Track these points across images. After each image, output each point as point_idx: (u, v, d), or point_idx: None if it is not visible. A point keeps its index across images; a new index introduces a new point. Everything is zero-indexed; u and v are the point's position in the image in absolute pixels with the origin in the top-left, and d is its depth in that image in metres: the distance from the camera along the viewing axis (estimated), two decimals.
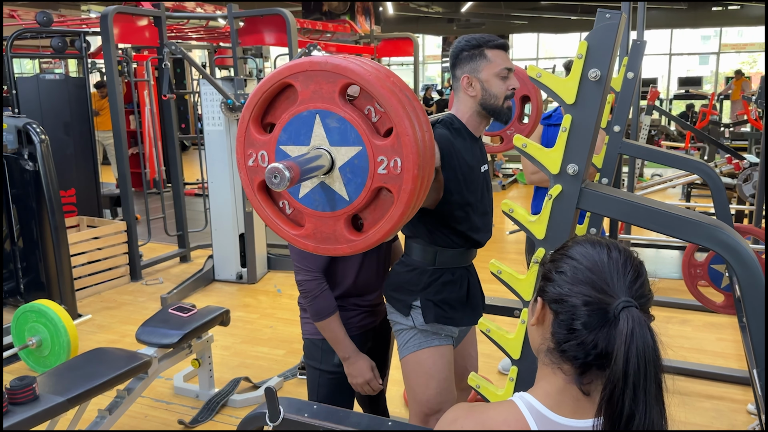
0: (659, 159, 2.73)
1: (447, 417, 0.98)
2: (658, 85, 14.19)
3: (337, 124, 1.25)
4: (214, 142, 4.97)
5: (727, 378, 3.24)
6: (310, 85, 1.24)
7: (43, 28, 5.28)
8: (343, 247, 1.32)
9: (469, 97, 1.86)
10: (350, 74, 1.21)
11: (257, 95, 1.30)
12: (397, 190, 1.24)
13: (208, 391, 3.20)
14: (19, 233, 4.22)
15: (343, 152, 1.26)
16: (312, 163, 1.23)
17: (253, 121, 1.32)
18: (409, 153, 1.21)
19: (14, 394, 2.19)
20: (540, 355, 0.98)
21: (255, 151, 1.33)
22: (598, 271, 0.91)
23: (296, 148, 1.29)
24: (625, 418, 0.83)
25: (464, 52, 1.85)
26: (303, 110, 1.26)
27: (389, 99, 1.21)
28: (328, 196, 1.30)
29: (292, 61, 1.28)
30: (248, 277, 5.09)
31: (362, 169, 1.26)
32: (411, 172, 1.22)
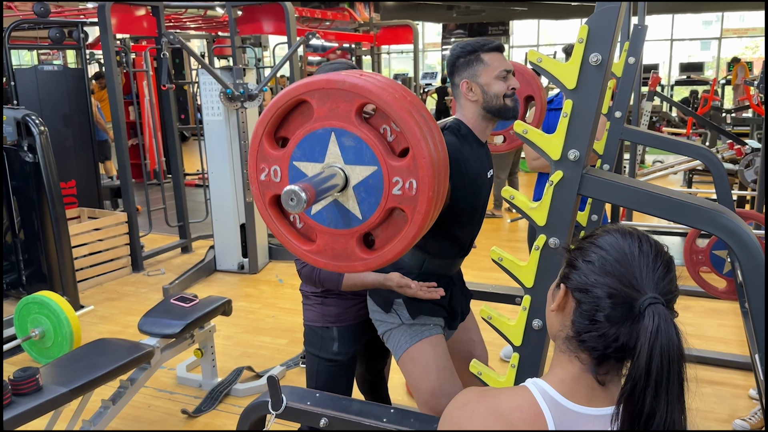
0: (661, 144, 2.71)
1: (458, 400, 0.96)
2: (659, 71, 14.12)
3: (352, 143, 1.23)
4: (214, 132, 4.96)
5: (728, 363, 3.25)
6: (327, 102, 1.23)
7: (41, 18, 5.26)
8: (356, 265, 1.32)
9: (471, 102, 1.86)
10: (367, 94, 1.19)
11: (272, 110, 1.28)
12: (412, 211, 1.23)
13: (211, 381, 3.21)
14: (20, 225, 4.22)
15: (358, 171, 1.25)
16: (327, 183, 1.21)
17: (266, 136, 1.30)
18: (424, 175, 1.20)
19: (18, 385, 2.20)
20: (557, 341, 0.97)
21: (268, 165, 1.31)
22: (627, 263, 0.89)
23: (310, 164, 1.27)
24: (646, 415, 0.82)
25: (460, 59, 1.86)
26: (318, 127, 1.25)
27: (406, 120, 1.19)
28: (342, 213, 1.29)
29: (308, 78, 1.25)
30: (250, 267, 5.09)
31: (377, 189, 1.24)
32: (426, 194, 1.21)
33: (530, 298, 1.37)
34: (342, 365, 2.04)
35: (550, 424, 0.89)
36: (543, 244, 1.33)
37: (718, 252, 3.00)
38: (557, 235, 1.31)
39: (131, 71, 5.91)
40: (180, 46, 4.33)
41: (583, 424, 0.90)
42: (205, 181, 5.53)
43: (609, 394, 0.92)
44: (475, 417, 0.91)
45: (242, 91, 4.70)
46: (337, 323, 2.03)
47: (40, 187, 4.01)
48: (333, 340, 2.02)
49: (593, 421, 0.90)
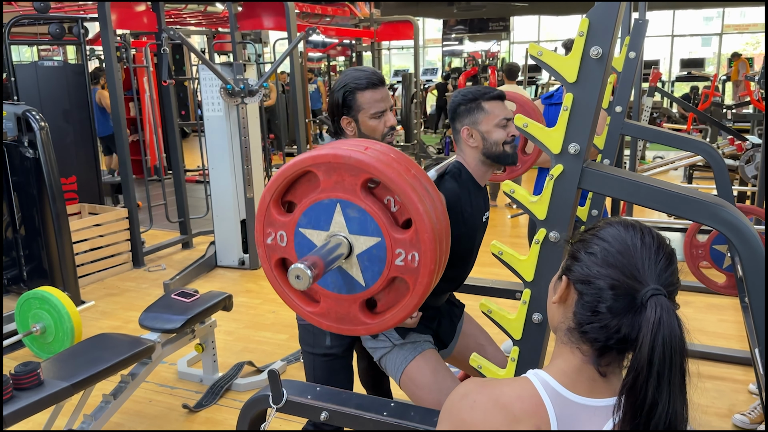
0: (661, 139, 2.71)
1: (458, 391, 0.96)
2: (660, 67, 14.09)
3: (357, 215, 1.27)
4: (214, 127, 4.95)
5: (728, 358, 3.25)
6: (333, 175, 1.26)
7: (41, 14, 5.25)
8: (359, 329, 1.36)
9: (472, 148, 1.91)
10: (372, 170, 1.23)
11: (279, 179, 1.32)
12: (413, 282, 1.27)
13: (211, 376, 3.22)
14: (20, 221, 4.22)
15: (362, 241, 1.29)
16: (333, 254, 1.25)
17: (273, 202, 1.34)
18: (426, 249, 1.24)
19: (19, 379, 2.20)
20: (559, 333, 0.97)
21: (274, 230, 1.35)
22: (629, 255, 0.89)
23: (315, 232, 1.31)
24: (648, 406, 0.82)
25: (461, 106, 1.91)
26: (324, 198, 1.28)
27: (410, 196, 1.23)
28: (345, 279, 1.33)
29: (315, 151, 1.29)
30: (250, 263, 5.10)
31: (380, 259, 1.28)
32: (428, 267, 1.25)
33: (530, 292, 1.37)
34: (337, 358, 2.05)
35: (551, 414, 0.89)
36: (543, 238, 1.33)
37: (719, 247, 3.00)
38: (557, 229, 1.31)
39: (131, 67, 5.90)
40: (180, 41, 4.33)
41: (584, 415, 0.90)
42: (206, 177, 5.53)
43: (610, 385, 0.92)
44: (476, 407, 0.92)
45: (242, 87, 4.70)
46: None
47: (41, 182, 4.01)
48: (325, 333, 2.03)
49: (594, 412, 0.90)
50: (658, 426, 0.82)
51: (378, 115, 1.89)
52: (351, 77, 1.89)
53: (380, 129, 1.91)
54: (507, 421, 0.89)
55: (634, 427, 0.84)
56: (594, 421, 0.90)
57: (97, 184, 5.83)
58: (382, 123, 1.90)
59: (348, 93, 1.88)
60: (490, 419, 0.90)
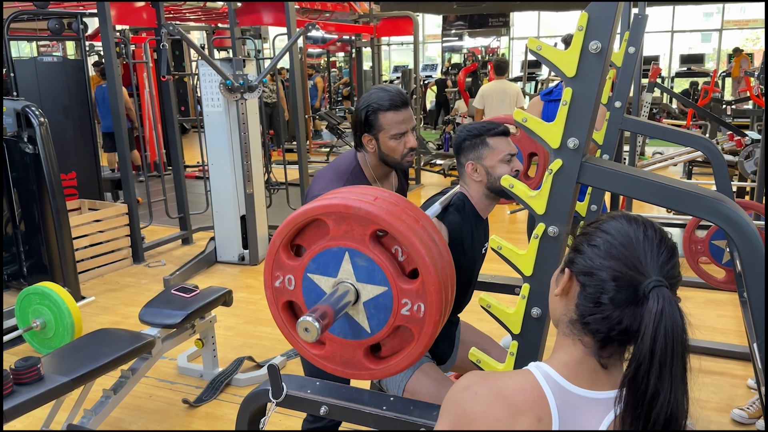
0: (661, 135, 2.71)
1: (460, 383, 0.97)
2: (660, 63, 14.07)
3: (365, 264, 1.29)
4: (214, 123, 4.95)
5: (727, 354, 3.26)
6: (342, 224, 1.29)
7: (40, 10, 5.24)
8: (363, 374, 1.39)
9: (476, 182, 1.95)
10: (381, 222, 1.25)
11: (290, 226, 1.34)
12: (418, 331, 1.29)
13: (211, 371, 3.22)
14: (20, 216, 4.22)
15: (369, 289, 1.31)
16: (341, 302, 1.27)
17: (283, 247, 1.36)
18: (432, 301, 1.26)
19: (19, 374, 2.21)
20: (560, 325, 0.98)
21: (283, 274, 1.37)
22: (632, 247, 0.90)
23: (323, 278, 1.33)
24: (650, 396, 0.83)
25: (466, 141, 1.94)
26: (333, 246, 1.31)
27: (418, 249, 1.25)
28: (351, 325, 1.35)
29: (325, 200, 1.31)
30: (250, 259, 5.10)
31: (386, 308, 1.30)
32: (433, 318, 1.27)
33: (529, 287, 1.37)
34: None
35: (553, 406, 0.90)
36: (542, 233, 1.33)
37: (718, 242, 3.00)
38: (556, 224, 1.31)
39: (131, 62, 5.89)
40: (180, 37, 4.32)
41: (586, 407, 0.91)
42: (206, 172, 5.53)
43: (611, 377, 0.93)
44: (478, 399, 0.92)
45: (242, 83, 4.69)
46: None
47: (41, 178, 4.01)
48: None
49: (595, 404, 0.91)
50: (659, 416, 0.83)
51: (398, 136, 1.92)
52: (375, 97, 1.91)
53: (400, 150, 1.94)
54: (508, 412, 0.90)
55: (635, 417, 0.84)
56: (595, 413, 0.90)
57: (96, 179, 5.83)
58: (402, 144, 1.93)
59: (370, 112, 1.90)
60: (492, 411, 0.90)
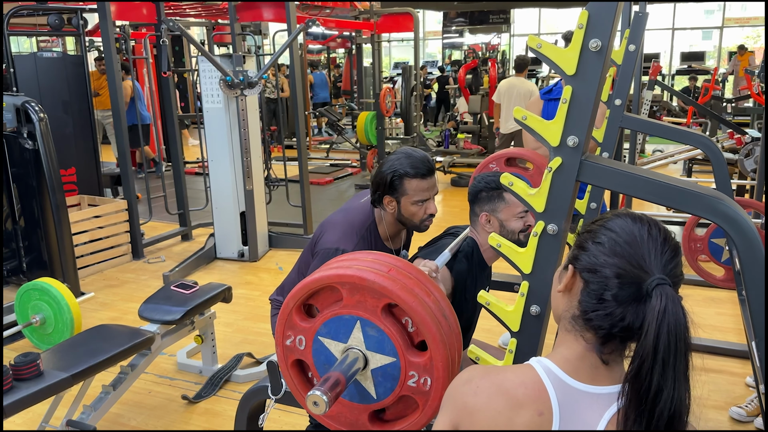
0: (660, 132, 2.71)
1: (462, 376, 0.98)
2: (660, 61, 14.06)
3: (375, 334, 1.32)
4: (214, 119, 4.95)
5: (725, 351, 3.27)
6: (356, 294, 1.31)
7: (40, 5, 5.23)
8: None
9: (488, 233, 1.96)
10: (393, 296, 1.28)
11: (304, 290, 1.36)
12: (424, 403, 1.32)
13: (211, 367, 3.23)
14: (20, 212, 4.22)
15: (378, 358, 1.33)
16: (351, 370, 1.29)
17: (296, 309, 1.38)
18: (439, 376, 1.28)
19: (19, 370, 2.21)
20: (563, 321, 0.98)
21: (294, 334, 1.40)
22: (636, 245, 0.91)
23: (333, 342, 1.36)
24: (653, 393, 0.84)
25: (483, 192, 1.97)
26: (345, 314, 1.33)
27: (429, 325, 1.28)
28: (358, 390, 1.37)
29: (341, 269, 1.34)
30: (250, 255, 5.10)
31: (393, 377, 1.33)
32: (438, 392, 1.29)
33: (528, 284, 1.37)
34: None
35: (554, 401, 0.90)
36: (541, 231, 1.33)
37: (717, 240, 3.01)
38: (555, 222, 1.31)
39: (131, 58, 5.89)
40: (180, 33, 4.32)
41: (586, 402, 0.91)
42: (205, 169, 5.52)
43: (612, 373, 0.94)
44: (479, 392, 0.93)
45: (242, 79, 4.69)
46: None
47: (40, 174, 4.01)
48: None
49: (596, 399, 0.91)
50: (663, 413, 0.84)
51: (421, 202, 1.96)
52: (403, 163, 1.93)
53: (420, 215, 1.98)
54: (509, 406, 0.90)
55: (639, 414, 0.85)
56: (595, 408, 0.91)
57: (96, 175, 5.82)
58: (423, 209, 1.97)
59: (397, 177, 1.93)
60: (493, 404, 0.91)
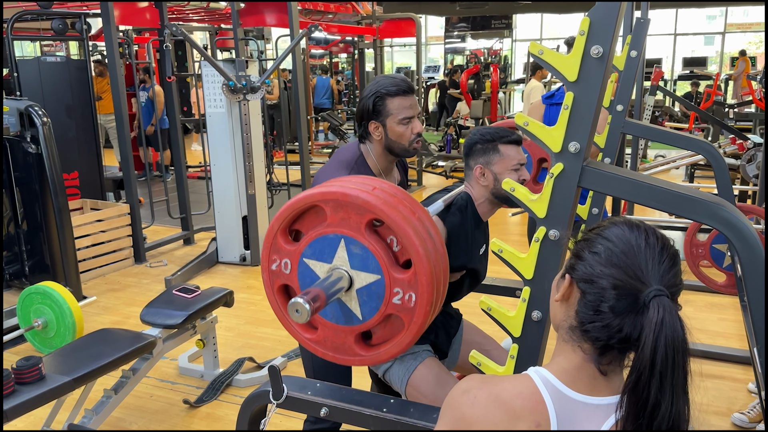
0: (662, 138, 2.71)
1: (459, 386, 0.97)
2: (662, 66, 14.06)
3: (359, 252, 1.32)
4: (216, 124, 4.96)
5: (728, 357, 3.26)
6: (340, 212, 1.31)
7: (44, 9, 5.25)
8: (354, 360, 1.41)
9: (482, 186, 1.95)
10: (378, 211, 1.27)
11: (288, 211, 1.36)
12: (409, 320, 1.32)
13: (212, 371, 3.23)
14: (23, 216, 4.23)
15: (362, 277, 1.33)
16: (334, 287, 1.29)
17: (281, 231, 1.38)
18: (424, 291, 1.28)
19: (21, 374, 2.21)
20: (560, 331, 0.97)
21: (279, 258, 1.40)
22: (633, 255, 0.89)
23: (319, 263, 1.36)
24: (651, 407, 0.83)
25: (478, 144, 1.95)
26: (330, 233, 1.33)
27: (412, 239, 1.27)
28: (343, 311, 1.37)
29: (325, 187, 1.33)
30: (251, 259, 5.10)
31: (378, 296, 1.33)
32: (423, 308, 1.29)
33: (530, 290, 1.37)
34: None
35: (551, 411, 0.89)
36: (543, 236, 1.34)
37: (719, 246, 3.00)
38: (557, 227, 1.32)
39: (134, 63, 5.91)
40: (183, 38, 4.33)
41: (584, 413, 0.91)
42: (208, 173, 5.53)
43: (611, 384, 0.93)
44: (477, 403, 0.92)
45: (245, 84, 4.70)
46: None
47: (43, 178, 4.02)
48: None
49: (594, 410, 0.91)
50: (661, 426, 0.83)
51: (406, 121, 1.95)
52: (382, 84, 1.95)
53: (407, 135, 1.97)
54: (507, 417, 0.90)
55: (637, 427, 0.84)
56: (594, 419, 0.90)
57: (99, 179, 5.84)
58: (409, 129, 1.96)
59: (378, 99, 1.93)
60: (491, 415, 0.90)
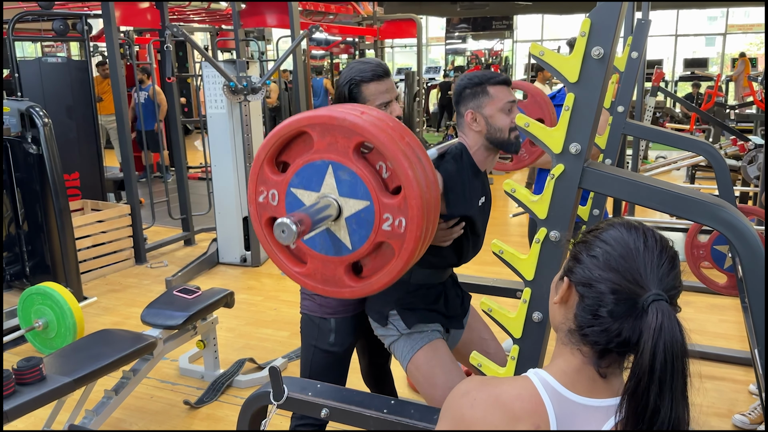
0: (663, 139, 2.71)
1: (459, 389, 0.97)
2: (663, 67, 14.06)
3: (348, 178, 1.29)
4: (217, 125, 4.96)
5: (728, 359, 3.25)
6: (327, 137, 1.28)
7: (45, 10, 5.26)
8: (344, 291, 1.37)
9: (475, 132, 1.90)
10: (365, 134, 1.24)
11: (274, 138, 1.33)
12: (399, 247, 1.29)
13: (213, 372, 3.23)
14: (23, 216, 4.23)
15: (351, 204, 1.30)
16: (321, 214, 1.26)
17: (267, 161, 1.35)
18: (414, 216, 1.25)
19: (21, 374, 2.21)
20: (560, 333, 0.97)
21: (266, 189, 1.37)
22: (631, 259, 0.88)
23: (306, 192, 1.33)
24: (650, 412, 0.82)
25: (467, 89, 1.90)
26: (317, 159, 1.30)
27: (401, 162, 1.24)
28: (333, 241, 1.35)
29: (311, 112, 1.30)
30: (252, 260, 5.10)
31: (367, 223, 1.30)
32: (414, 233, 1.26)
33: (530, 291, 1.37)
34: (337, 357, 2.05)
35: (551, 413, 0.89)
36: (544, 237, 1.33)
37: (720, 247, 3.00)
38: (558, 229, 1.32)
39: (135, 64, 5.91)
40: (184, 38, 4.33)
41: (584, 415, 0.90)
42: (208, 174, 5.54)
43: (610, 386, 0.92)
44: (476, 405, 0.92)
45: (245, 84, 4.70)
46: (335, 315, 2.04)
47: (44, 178, 4.02)
48: (330, 331, 2.03)
49: (594, 412, 0.91)
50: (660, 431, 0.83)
51: (383, 106, 1.92)
52: (356, 70, 1.91)
53: None
54: (507, 419, 0.89)
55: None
56: (593, 421, 0.90)
57: (100, 180, 5.85)
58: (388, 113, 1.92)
59: (354, 86, 1.90)
60: (490, 417, 0.90)
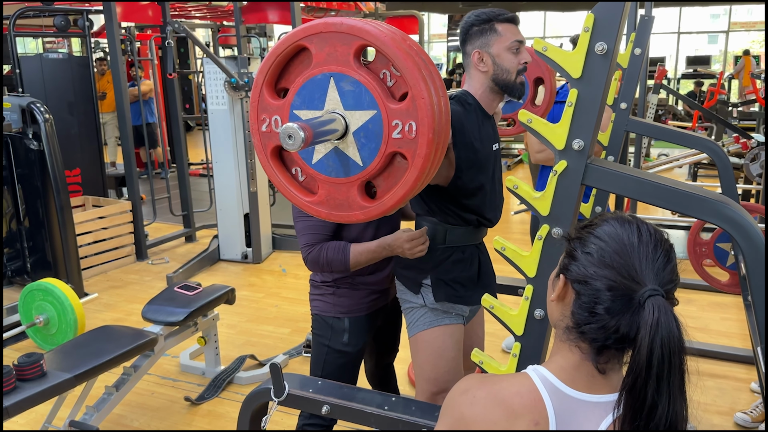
0: (665, 136, 2.70)
1: (459, 386, 0.97)
2: (666, 64, 14.03)
3: (351, 88, 1.22)
4: (219, 121, 4.96)
5: (730, 357, 3.25)
6: (325, 47, 1.21)
7: (46, 6, 5.25)
8: (357, 214, 1.30)
9: (481, 73, 1.82)
10: (366, 35, 1.17)
11: (271, 58, 1.26)
12: (412, 155, 1.21)
13: (214, 369, 3.23)
14: (25, 213, 4.23)
15: (358, 116, 1.23)
16: (325, 126, 1.19)
17: (266, 86, 1.28)
18: (424, 117, 1.18)
19: (22, 370, 2.21)
20: (558, 330, 0.97)
21: (268, 116, 1.30)
22: (626, 254, 0.88)
23: (310, 112, 1.26)
24: (648, 408, 0.82)
25: (474, 27, 1.82)
26: (317, 73, 1.23)
27: (405, 61, 1.17)
28: (342, 161, 1.28)
29: (306, 23, 1.23)
30: (253, 257, 5.10)
31: (376, 134, 1.23)
32: (426, 137, 1.19)
33: (532, 288, 1.37)
34: (350, 357, 2.04)
35: (550, 409, 0.89)
36: (546, 234, 1.33)
37: (722, 245, 2.99)
38: (560, 225, 1.31)
39: (136, 60, 5.90)
40: (185, 35, 4.33)
41: (583, 411, 0.90)
42: (210, 170, 5.53)
43: (609, 381, 0.92)
44: (476, 402, 0.92)
45: (247, 81, 4.69)
46: (348, 314, 2.02)
47: (45, 175, 4.02)
48: (344, 331, 2.01)
49: (593, 408, 0.90)
50: (658, 427, 0.82)
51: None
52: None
53: None
54: (506, 416, 0.90)
55: (634, 428, 0.84)
56: (592, 417, 0.90)
57: (101, 176, 5.84)
58: None
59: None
60: (490, 414, 0.90)
